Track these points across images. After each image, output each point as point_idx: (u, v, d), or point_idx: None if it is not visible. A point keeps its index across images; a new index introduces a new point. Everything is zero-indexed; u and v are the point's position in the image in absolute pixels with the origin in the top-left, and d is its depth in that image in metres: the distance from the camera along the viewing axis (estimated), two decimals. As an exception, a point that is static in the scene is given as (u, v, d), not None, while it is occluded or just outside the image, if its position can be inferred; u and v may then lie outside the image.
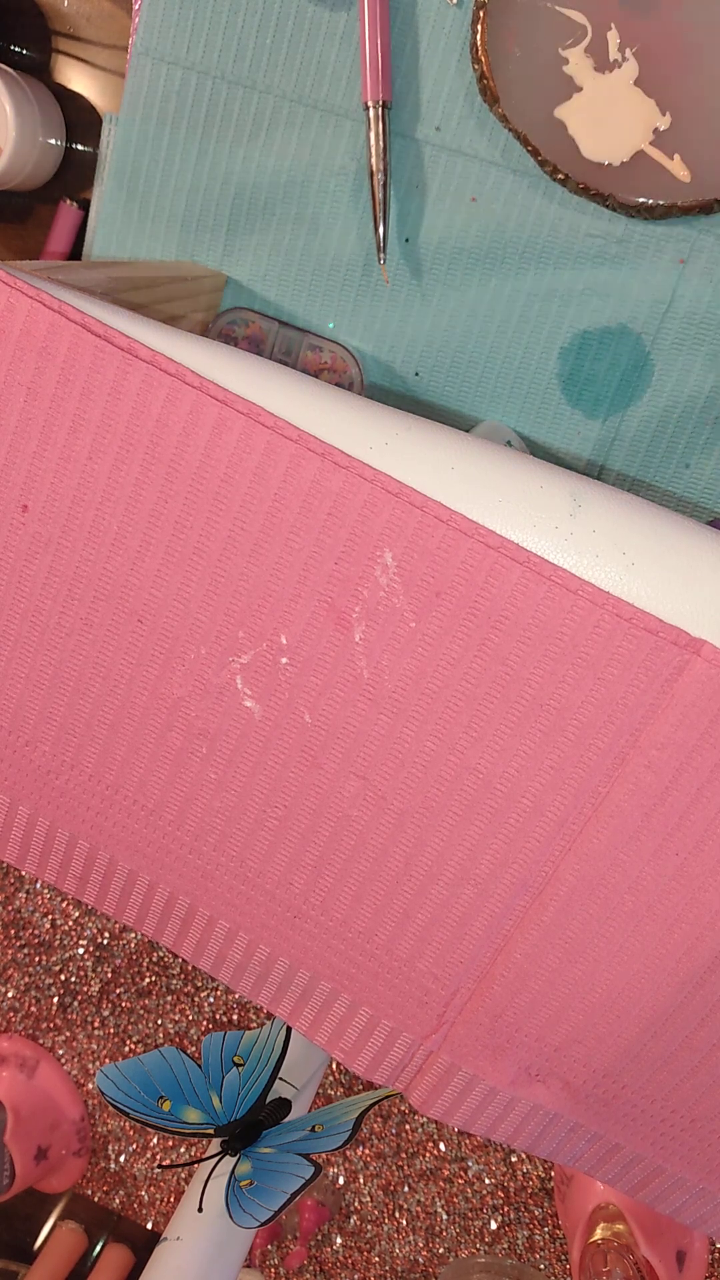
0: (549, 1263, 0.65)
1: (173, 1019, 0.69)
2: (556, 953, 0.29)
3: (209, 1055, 0.46)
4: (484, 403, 0.48)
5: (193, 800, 0.32)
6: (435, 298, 0.47)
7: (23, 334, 0.28)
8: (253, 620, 0.29)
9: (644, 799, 0.27)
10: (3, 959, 0.72)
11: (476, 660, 0.27)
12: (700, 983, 0.29)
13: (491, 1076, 0.32)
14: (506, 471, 0.27)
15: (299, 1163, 0.43)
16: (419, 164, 0.44)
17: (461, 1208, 0.66)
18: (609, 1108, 0.31)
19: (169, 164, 0.47)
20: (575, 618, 0.26)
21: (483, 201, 0.44)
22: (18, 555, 0.30)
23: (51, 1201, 0.75)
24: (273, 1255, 0.71)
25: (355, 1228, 0.69)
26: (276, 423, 0.27)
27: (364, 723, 0.29)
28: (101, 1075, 0.43)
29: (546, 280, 0.45)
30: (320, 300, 0.48)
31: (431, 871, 0.30)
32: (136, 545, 0.29)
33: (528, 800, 0.28)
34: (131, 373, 0.27)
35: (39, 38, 0.49)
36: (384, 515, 0.27)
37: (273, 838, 0.32)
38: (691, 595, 0.25)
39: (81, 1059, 0.72)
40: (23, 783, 0.34)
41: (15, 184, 0.49)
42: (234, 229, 0.48)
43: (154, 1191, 0.73)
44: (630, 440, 0.47)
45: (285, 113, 0.45)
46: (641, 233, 0.43)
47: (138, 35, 0.45)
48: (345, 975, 0.33)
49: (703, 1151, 0.31)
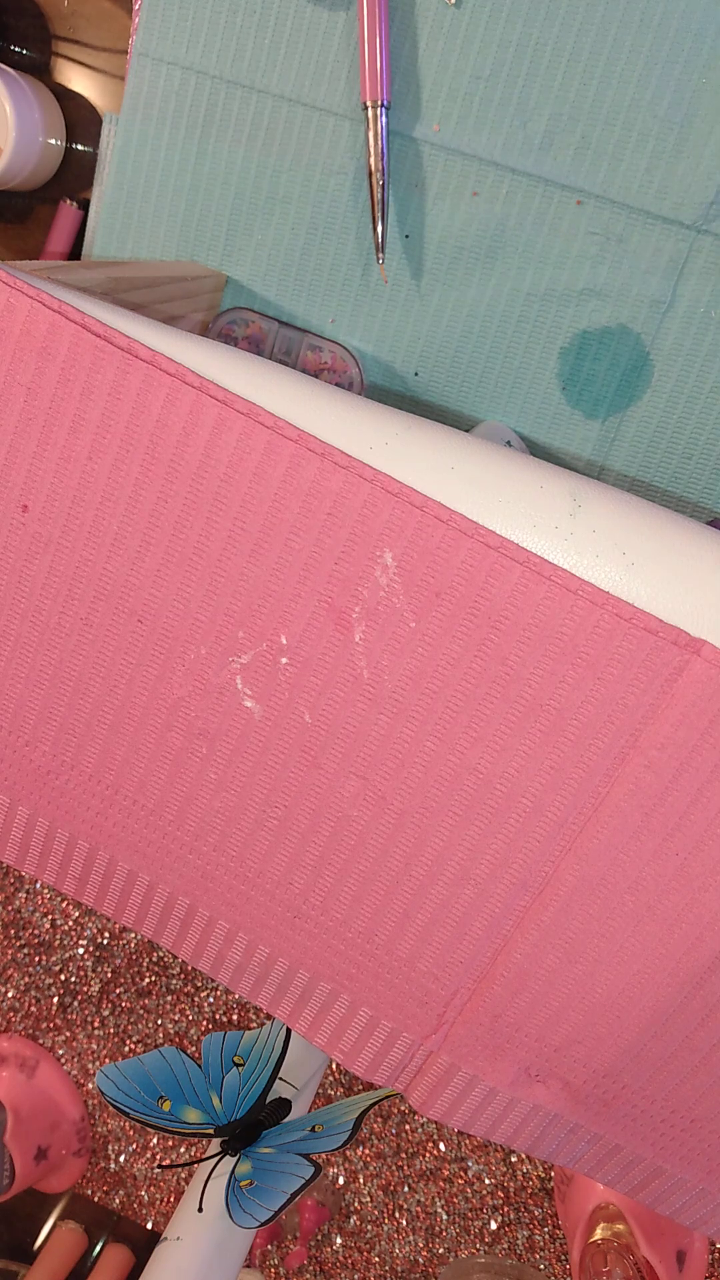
0: (549, 1263, 0.65)
1: (173, 1019, 0.69)
2: (556, 953, 0.29)
3: (209, 1055, 0.46)
4: (484, 403, 0.48)
5: (192, 800, 0.32)
6: (435, 297, 0.47)
7: (23, 334, 0.28)
8: (253, 620, 0.29)
9: (644, 799, 0.27)
10: (3, 959, 0.72)
11: (476, 660, 0.27)
12: (700, 983, 0.29)
13: (491, 1077, 0.32)
14: (506, 471, 0.27)
15: (299, 1163, 0.43)
16: (419, 163, 0.44)
17: (461, 1208, 0.66)
18: (609, 1108, 0.31)
19: (169, 164, 0.47)
20: (575, 618, 0.26)
21: (483, 200, 0.44)
22: (18, 555, 0.30)
23: (51, 1201, 0.75)
24: (273, 1255, 0.71)
25: (355, 1228, 0.69)
26: (276, 423, 0.27)
27: (364, 723, 0.29)
28: (101, 1075, 0.43)
29: (546, 280, 0.45)
30: (320, 300, 0.48)
31: (431, 871, 0.30)
32: (136, 545, 0.29)
33: (528, 800, 0.28)
34: (131, 373, 0.27)
35: (39, 38, 0.49)
36: (384, 515, 0.27)
37: (273, 838, 0.32)
38: (691, 595, 0.25)
39: (81, 1059, 0.72)
40: (23, 783, 0.34)
41: (15, 184, 0.49)
42: (234, 229, 0.48)
43: (154, 1191, 0.73)
44: (630, 440, 0.47)
45: (285, 113, 0.45)
46: (642, 233, 0.43)
47: (138, 36, 0.45)
48: (345, 975, 0.33)
49: (703, 1152, 0.31)
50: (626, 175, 0.43)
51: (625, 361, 0.46)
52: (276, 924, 0.33)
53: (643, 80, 0.41)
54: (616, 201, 0.43)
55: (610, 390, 0.46)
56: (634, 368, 0.46)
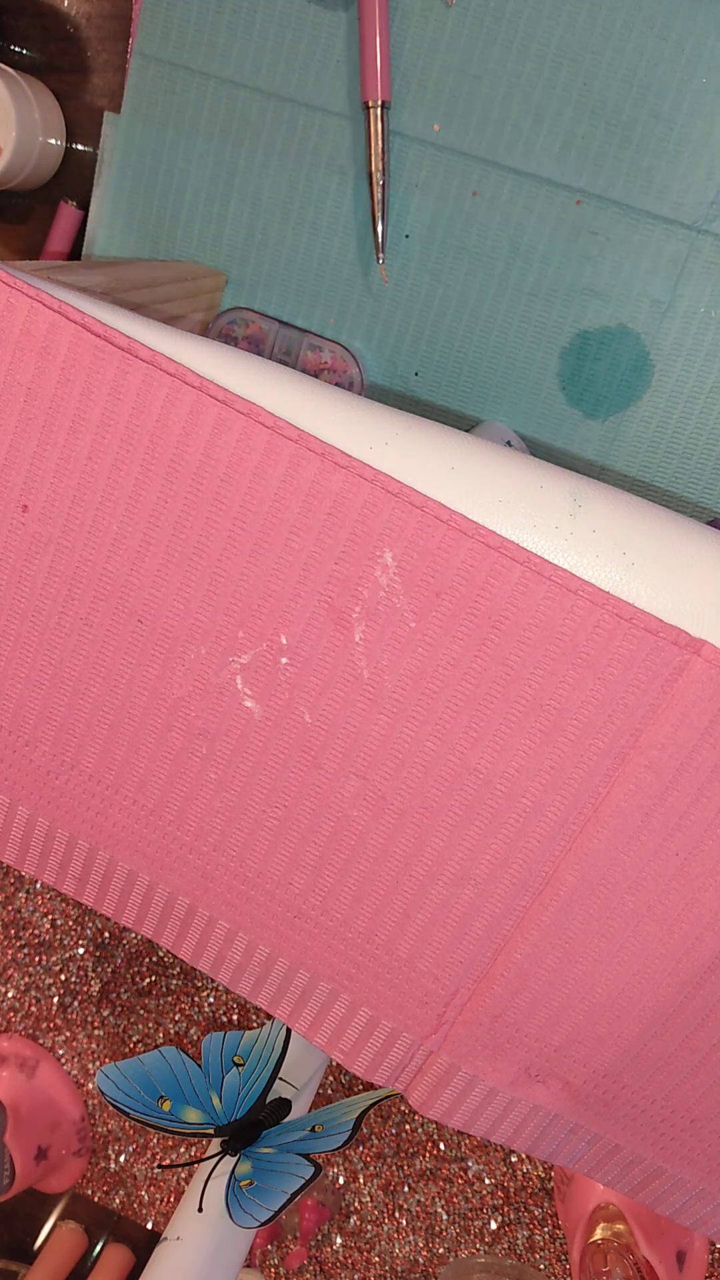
0: (549, 1263, 0.65)
1: (173, 1019, 0.69)
2: (556, 953, 0.29)
3: (209, 1055, 0.46)
4: (484, 403, 0.48)
5: (193, 800, 0.32)
6: (435, 298, 0.47)
7: (23, 334, 0.28)
8: (253, 620, 0.29)
9: (644, 799, 0.27)
10: (3, 959, 0.72)
11: (477, 660, 0.27)
12: (700, 983, 0.29)
13: (491, 1077, 0.32)
14: (506, 471, 0.27)
15: (299, 1163, 0.43)
16: (419, 163, 0.44)
17: (461, 1208, 0.66)
18: (609, 1108, 0.31)
19: (169, 164, 0.47)
20: (575, 618, 0.26)
21: (483, 200, 0.44)
22: (18, 555, 0.30)
23: (51, 1201, 0.75)
24: (273, 1255, 0.71)
25: (355, 1228, 0.69)
26: (276, 423, 0.27)
27: (364, 723, 0.29)
28: (101, 1075, 0.43)
29: (547, 280, 0.45)
30: (320, 300, 0.48)
31: (431, 871, 0.30)
32: (136, 545, 0.29)
33: (528, 800, 0.28)
34: (131, 373, 0.27)
35: (39, 38, 0.49)
36: (384, 515, 0.27)
37: (273, 838, 0.32)
38: (691, 595, 0.25)
39: (81, 1059, 0.72)
40: (23, 783, 0.34)
41: (15, 184, 0.49)
42: (234, 229, 0.48)
43: (154, 1191, 0.73)
44: (630, 440, 0.47)
45: (285, 113, 0.45)
46: (642, 233, 0.43)
47: (138, 35, 0.45)
48: (345, 975, 0.33)
49: (703, 1152, 0.31)
50: (626, 175, 0.43)
51: (625, 361, 0.46)
52: (276, 924, 0.33)
53: (643, 80, 0.41)
54: (616, 202, 0.43)
55: (610, 390, 0.46)
56: (634, 368, 0.46)
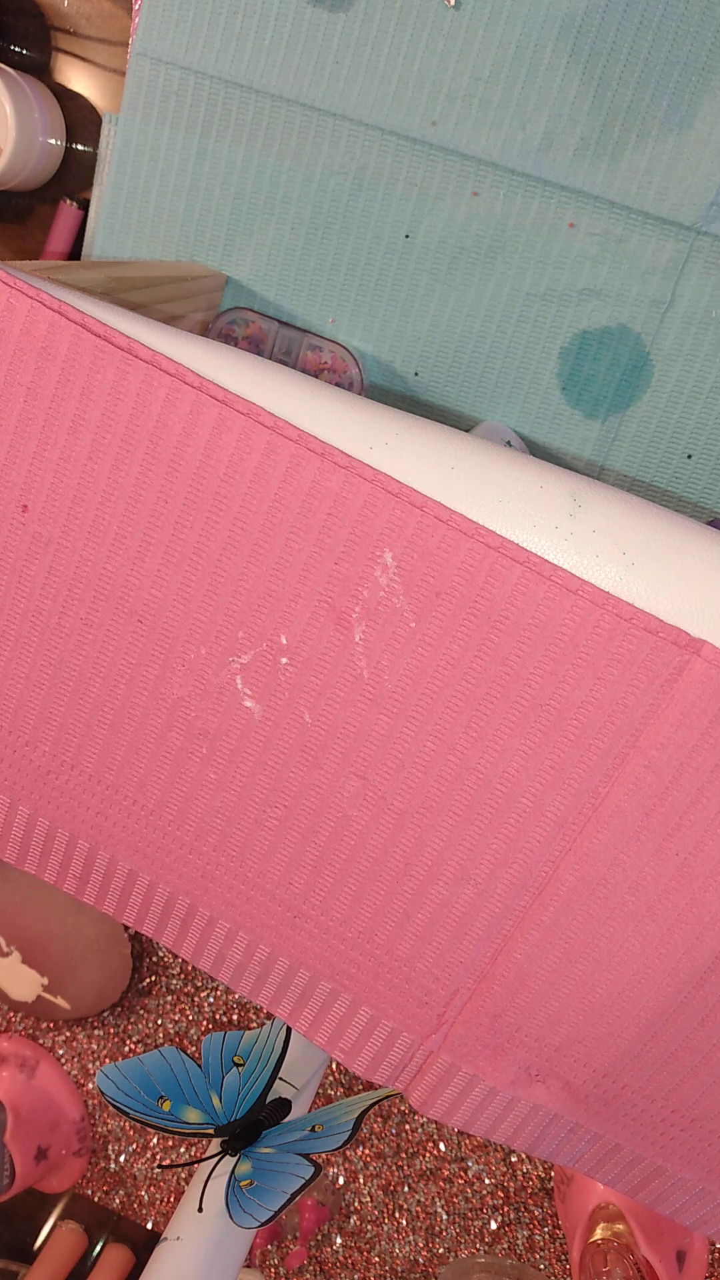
0: (549, 1263, 0.65)
1: (173, 1019, 0.69)
2: (556, 953, 0.29)
3: (209, 1055, 0.46)
4: (484, 403, 0.48)
5: (193, 800, 0.32)
6: (435, 297, 0.47)
7: (23, 334, 0.27)
8: (253, 620, 0.29)
9: (644, 799, 0.27)
10: (3, 959, 0.72)
11: (476, 660, 0.27)
12: (700, 983, 0.29)
13: (491, 1077, 0.32)
14: (506, 471, 0.27)
15: (299, 1163, 0.43)
16: (419, 163, 0.44)
17: (461, 1208, 0.66)
18: (609, 1108, 0.31)
19: (169, 164, 0.47)
20: (575, 618, 0.26)
21: (483, 200, 0.44)
22: (18, 555, 0.30)
23: (51, 1201, 0.75)
24: (273, 1255, 0.71)
25: (355, 1228, 0.69)
26: (276, 423, 0.27)
27: (364, 722, 0.29)
28: (101, 1075, 0.43)
29: (546, 280, 0.45)
30: (320, 300, 0.48)
31: (431, 871, 0.30)
32: (136, 545, 0.29)
33: (528, 800, 0.28)
34: (131, 373, 0.27)
35: (39, 38, 0.49)
36: (384, 515, 0.27)
37: (273, 838, 0.32)
38: (691, 595, 0.25)
39: (81, 1059, 0.72)
40: (23, 783, 0.34)
41: (15, 184, 0.49)
42: (234, 229, 0.48)
43: (154, 1191, 0.73)
44: (630, 440, 0.47)
45: (285, 113, 0.45)
46: (642, 233, 0.43)
47: (137, 35, 0.45)
48: (345, 975, 0.33)
49: (703, 1152, 0.31)
50: (626, 176, 0.43)
51: (625, 361, 0.46)
52: (277, 923, 0.33)
53: (642, 81, 0.41)
54: (616, 202, 0.43)
55: (610, 390, 0.46)
56: (634, 368, 0.46)
